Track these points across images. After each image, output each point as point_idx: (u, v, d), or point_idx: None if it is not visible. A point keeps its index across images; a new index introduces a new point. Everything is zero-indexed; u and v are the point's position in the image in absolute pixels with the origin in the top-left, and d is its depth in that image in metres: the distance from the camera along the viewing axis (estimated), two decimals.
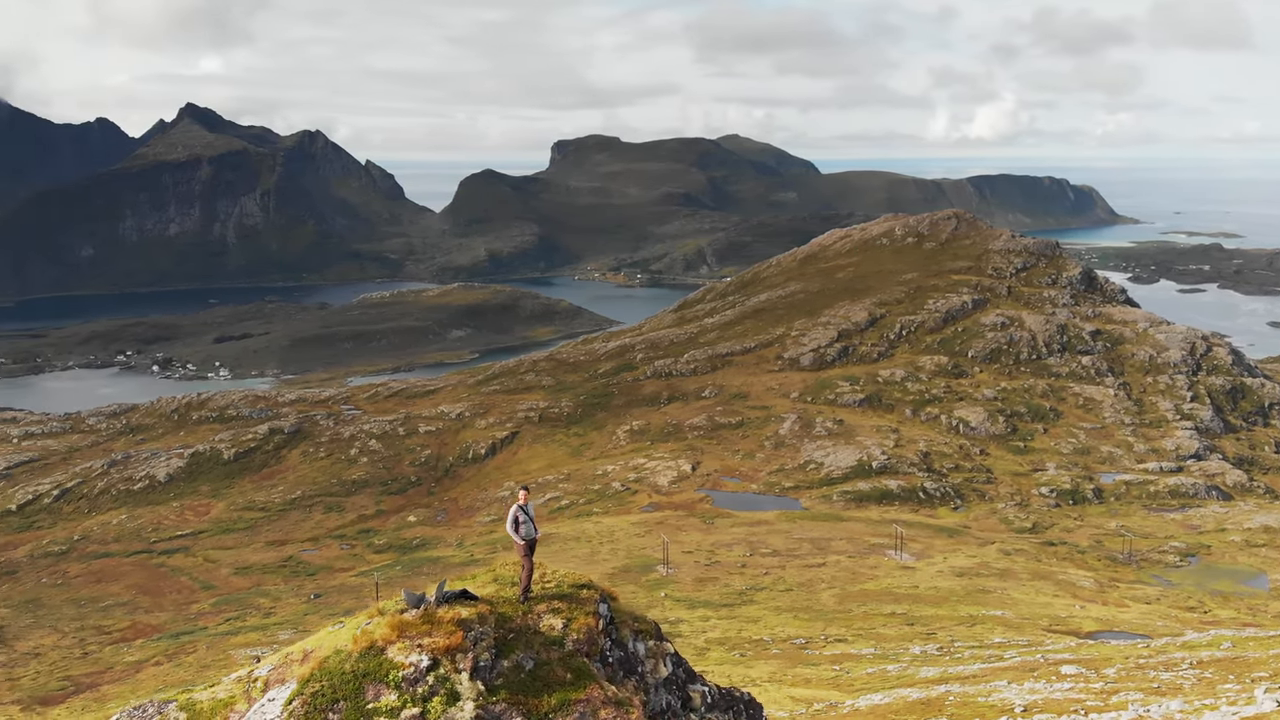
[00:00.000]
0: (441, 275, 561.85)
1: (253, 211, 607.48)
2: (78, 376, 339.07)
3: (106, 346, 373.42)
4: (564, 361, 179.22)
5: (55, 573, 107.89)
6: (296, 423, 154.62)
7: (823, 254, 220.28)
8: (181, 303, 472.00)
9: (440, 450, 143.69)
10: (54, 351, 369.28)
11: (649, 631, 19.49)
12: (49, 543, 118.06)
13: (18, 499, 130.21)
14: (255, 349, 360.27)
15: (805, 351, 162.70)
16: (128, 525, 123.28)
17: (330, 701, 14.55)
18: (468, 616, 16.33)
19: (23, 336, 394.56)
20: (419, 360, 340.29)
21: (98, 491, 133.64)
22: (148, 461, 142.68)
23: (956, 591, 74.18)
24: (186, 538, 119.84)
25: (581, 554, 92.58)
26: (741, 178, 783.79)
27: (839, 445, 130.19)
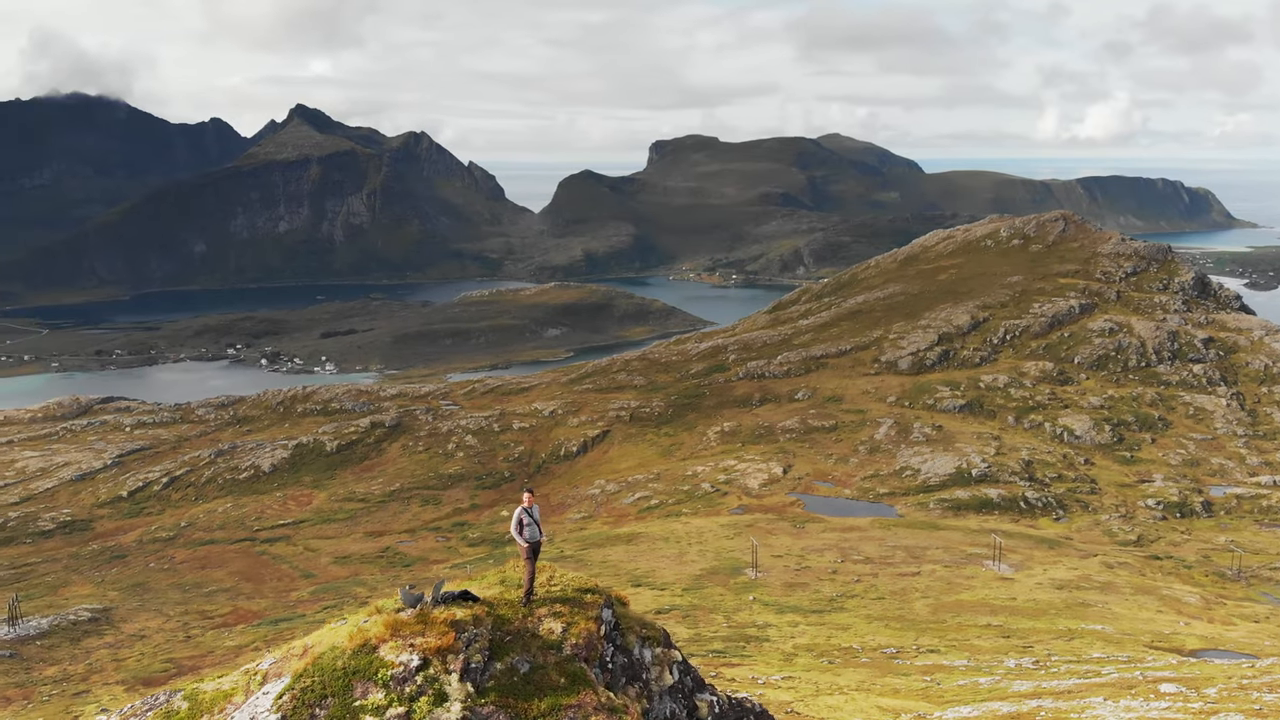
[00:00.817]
0: (539, 274, 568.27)
1: (359, 211, 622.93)
2: (189, 369, 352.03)
3: (217, 340, 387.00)
4: (656, 361, 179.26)
5: (162, 558, 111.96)
6: (397, 417, 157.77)
7: (924, 255, 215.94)
8: (290, 298, 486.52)
9: (533, 447, 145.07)
10: (167, 344, 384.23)
11: (656, 638, 19.18)
12: (157, 529, 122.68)
13: (129, 486, 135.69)
14: (360, 344, 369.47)
15: (904, 355, 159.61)
16: (232, 513, 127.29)
17: (319, 697, 14.64)
18: (462, 618, 16.29)
19: (138, 329, 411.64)
20: (515, 358, 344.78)
21: (205, 480, 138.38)
22: (253, 452, 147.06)
23: (1055, 604, 71.72)
24: (288, 527, 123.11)
25: (669, 554, 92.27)
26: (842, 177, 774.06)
27: (937, 452, 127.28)
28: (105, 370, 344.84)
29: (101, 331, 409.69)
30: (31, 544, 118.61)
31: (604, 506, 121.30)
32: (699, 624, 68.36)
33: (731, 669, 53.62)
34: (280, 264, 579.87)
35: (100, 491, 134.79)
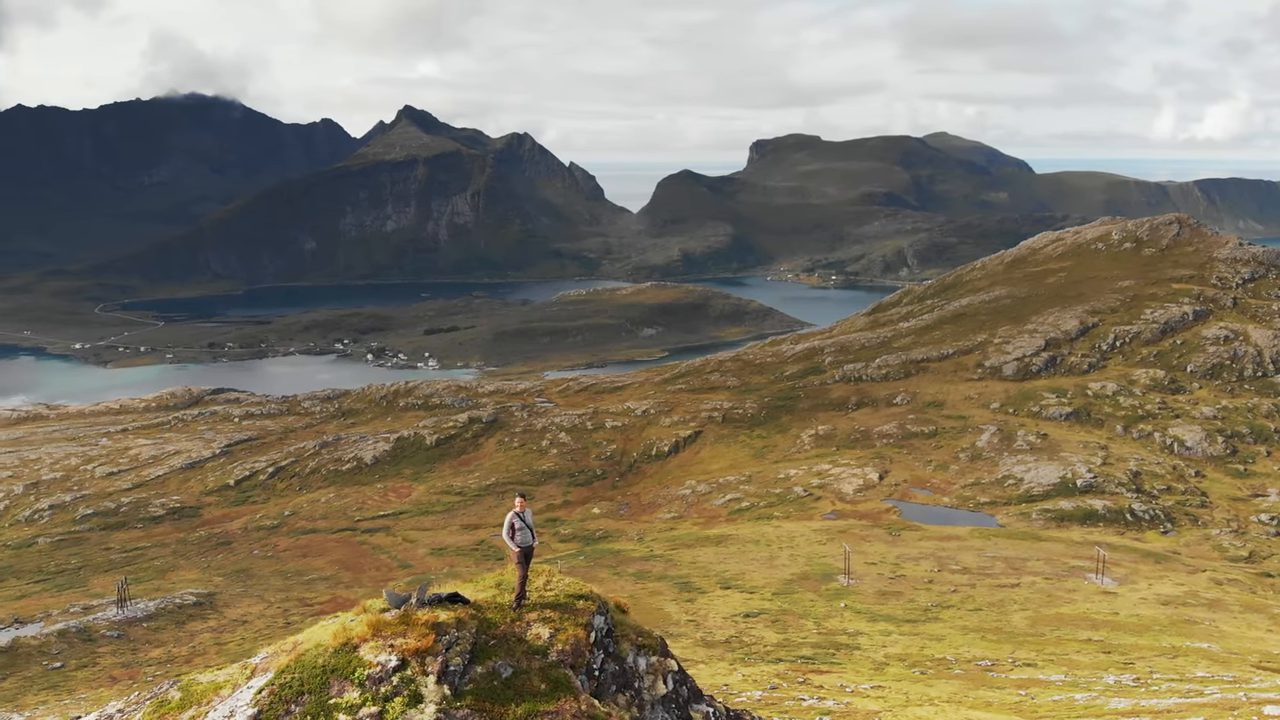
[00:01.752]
0: (636, 274, 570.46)
1: (463, 210, 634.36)
2: (297, 362, 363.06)
3: (325, 335, 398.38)
4: (750, 362, 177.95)
5: (266, 545, 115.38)
6: (494, 413, 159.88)
7: (1032, 258, 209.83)
8: (395, 295, 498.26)
9: (625, 445, 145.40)
10: (277, 338, 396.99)
11: (652, 646, 18.95)
12: (262, 517, 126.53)
13: (236, 474, 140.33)
14: (461, 341, 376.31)
15: (1008, 360, 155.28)
16: (334, 504, 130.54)
17: (296, 694, 14.70)
18: (445, 620, 16.22)
19: (249, 323, 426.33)
20: (611, 357, 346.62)
21: (309, 471, 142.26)
22: (356, 444, 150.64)
23: (1160, 620, 68.73)
24: (388, 518, 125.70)
25: (760, 557, 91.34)
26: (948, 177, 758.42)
27: (1041, 460, 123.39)
28: (217, 362, 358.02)
29: (215, 325, 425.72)
30: (142, 529, 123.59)
31: (694, 507, 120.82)
32: (788, 629, 67.43)
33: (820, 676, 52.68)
34: (387, 262, 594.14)
35: (208, 480, 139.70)
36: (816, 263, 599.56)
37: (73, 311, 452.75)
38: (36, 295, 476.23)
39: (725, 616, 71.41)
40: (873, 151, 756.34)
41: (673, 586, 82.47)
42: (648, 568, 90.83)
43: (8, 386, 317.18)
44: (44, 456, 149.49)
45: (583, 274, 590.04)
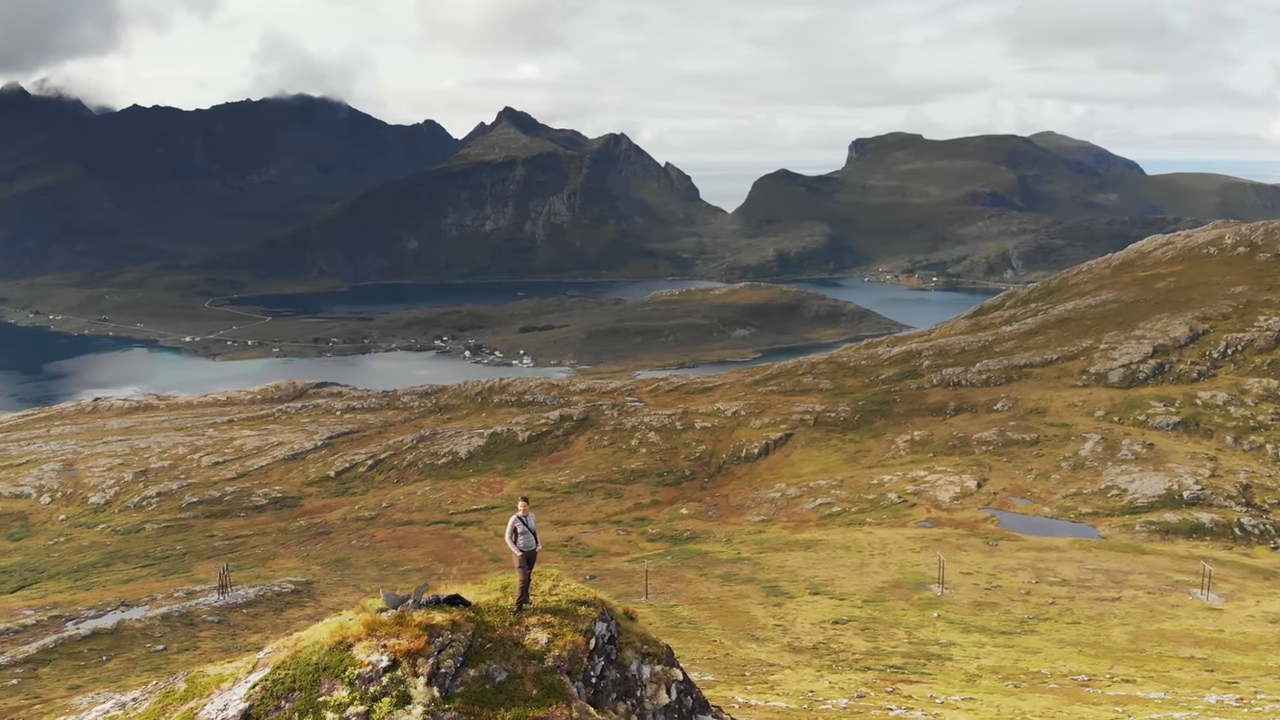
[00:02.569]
0: (729, 274, 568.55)
1: (560, 210, 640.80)
2: (398, 358, 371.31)
3: (425, 331, 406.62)
4: (844, 365, 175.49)
5: (363, 536, 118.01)
6: (584, 411, 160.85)
7: (1140, 261, 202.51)
8: (493, 294, 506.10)
9: (714, 447, 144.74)
10: (380, 334, 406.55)
11: (657, 655, 18.79)
12: (360, 508, 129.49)
13: (336, 466, 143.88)
14: (555, 340, 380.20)
15: (1114, 367, 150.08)
16: (430, 496, 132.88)
17: (287, 690, 14.81)
18: (439, 622, 16.18)
19: (353, 319, 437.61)
20: (702, 357, 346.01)
21: (406, 464, 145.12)
22: (451, 439, 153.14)
23: (1268, 639, 65.49)
24: (480, 512, 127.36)
25: (850, 564, 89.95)
26: (1055, 177, 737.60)
27: (1146, 471, 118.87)
28: (322, 357, 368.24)
29: (320, 320, 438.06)
30: (245, 517, 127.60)
31: (784, 511, 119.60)
32: (878, 638, 66.23)
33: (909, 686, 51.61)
34: (486, 261, 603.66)
35: (310, 471, 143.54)
36: (916, 264, 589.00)
37: (184, 306, 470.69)
38: (150, 290, 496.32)
39: (813, 622, 70.48)
40: (977, 150, 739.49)
41: (760, 590, 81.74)
42: (735, 570, 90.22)
43: (121, 377, 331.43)
44: (153, 445, 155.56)
45: (676, 274, 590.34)
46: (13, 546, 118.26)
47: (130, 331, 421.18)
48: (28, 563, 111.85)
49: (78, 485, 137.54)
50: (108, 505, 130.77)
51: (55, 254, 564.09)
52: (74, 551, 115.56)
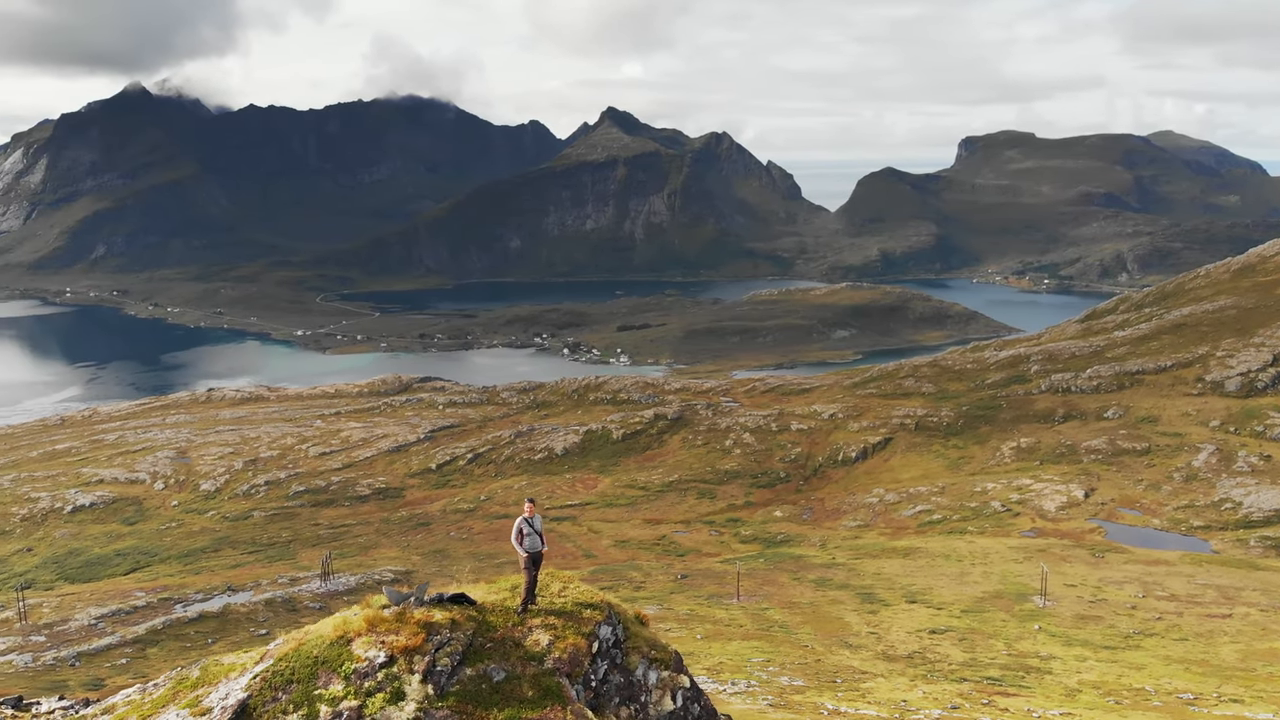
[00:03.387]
0: (831, 274, 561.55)
1: (660, 210, 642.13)
2: (500, 355, 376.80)
3: (526, 329, 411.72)
4: (948, 368, 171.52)
5: (462, 528, 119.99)
6: (679, 410, 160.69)
7: (1262, 266, 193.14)
8: (591, 292, 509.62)
9: (810, 449, 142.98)
10: (482, 331, 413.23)
11: (665, 661, 18.52)
12: (459, 500, 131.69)
13: (437, 459, 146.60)
14: (652, 339, 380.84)
15: (1232, 375, 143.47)
16: (526, 491, 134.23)
17: (285, 682, 14.94)
18: (438, 620, 16.17)
19: (457, 316, 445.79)
20: (801, 358, 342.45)
21: (503, 458, 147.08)
22: (548, 435, 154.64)
23: None
24: (574, 508, 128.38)
25: (950, 573, 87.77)
26: (1173, 178, 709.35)
27: (1263, 484, 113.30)
28: (427, 352, 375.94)
29: (425, 317, 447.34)
30: (349, 507, 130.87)
31: (881, 517, 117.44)
32: (976, 648, 64.48)
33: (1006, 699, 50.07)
34: (585, 259, 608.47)
35: (412, 463, 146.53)
36: (1027, 265, 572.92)
37: (296, 301, 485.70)
38: (264, 285, 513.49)
39: (909, 631, 69.00)
40: (1091, 150, 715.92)
41: (855, 596, 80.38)
42: (829, 575, 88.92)
43: (235, 369, 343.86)
44: (263, 435, 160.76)
45: (776, 273, 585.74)
46: (127, 530, 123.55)
47: (244, 325, 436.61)
48: (141, 546, 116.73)
49: (190, 472, 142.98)
50: (218, 492, 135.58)
51: (174, 249, 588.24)
52: (185, 536, 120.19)
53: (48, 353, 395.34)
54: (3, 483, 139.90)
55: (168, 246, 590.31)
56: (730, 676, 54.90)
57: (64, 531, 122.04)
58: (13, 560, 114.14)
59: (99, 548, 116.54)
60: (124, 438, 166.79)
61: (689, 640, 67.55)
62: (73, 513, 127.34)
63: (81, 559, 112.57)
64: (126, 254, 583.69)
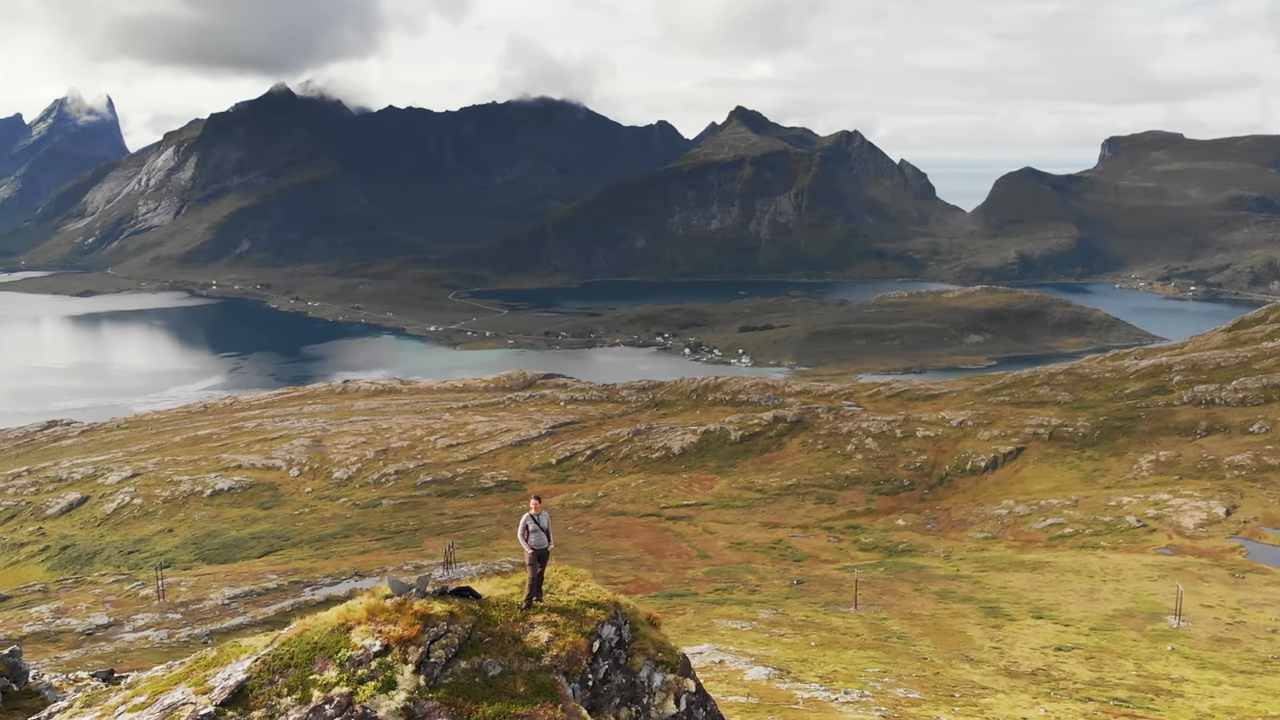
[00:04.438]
0: (964, 277, 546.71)
1: (786, 210, 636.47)
2: (622, 353, 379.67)
3: (648, 328, 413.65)
4: (1085, 377, 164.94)
5: (580, 523, 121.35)
6: (799, 413, 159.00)
7: None
8: (714, 293, 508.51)
9: (936, 457, 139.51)
10: (605, 329, 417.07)
11: (671, 664, 18.29)
12: (578, 496, 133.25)
13: (558, 454, 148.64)
14: (775, 340, 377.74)
15: None
16: (643, 489, 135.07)
17: (283, 666, 15.17)
18: (436, 612, 16.16)
19: (582, 314, 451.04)
20: (930, 363, 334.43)
21: (621, 456, 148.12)
22: (666, 434, 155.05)
23: None
24: (691, 508, 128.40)
25: (1079, 589, 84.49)
26: None
27: None
28: (552, 350, 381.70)
29: (551, 315, 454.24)
30: (473, 498, 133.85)
31: (1010, 529, 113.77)
32: (1103, 668, 61.97)
33: None
34: (709, 259, 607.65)
35: (533, 457, 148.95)
36: (1173, 271, 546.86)
37: (429, 297, 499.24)
38: (399, 281, 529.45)
39: (1033, 647, 66.77)
40: (1244, 151, 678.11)
41: (978, 610, 78.17)
42: (952, 587, 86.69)
43: (370, 362, 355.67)
44: (394, 426, 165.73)
45: (906, 275, 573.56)
46: (263, 515, 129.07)
47: (380, 320, 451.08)
48: (275, 530, 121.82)
49: (324, 460, 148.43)
50: (349, 480, 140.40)
51: (314, 245, 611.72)
52: (317, 522, 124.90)
53: (194, 342, 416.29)
54: (147, 466, 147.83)
55: (309, 243, 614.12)
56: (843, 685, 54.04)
57: (203, 514, 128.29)
58: (154, 540, 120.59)
59: (235, 530, 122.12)
60: (262, 426, 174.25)
61: (803, 647, 66.76)
62: (212, 496, 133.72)
63: (218, 541, 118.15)
64: (270, 249, 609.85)
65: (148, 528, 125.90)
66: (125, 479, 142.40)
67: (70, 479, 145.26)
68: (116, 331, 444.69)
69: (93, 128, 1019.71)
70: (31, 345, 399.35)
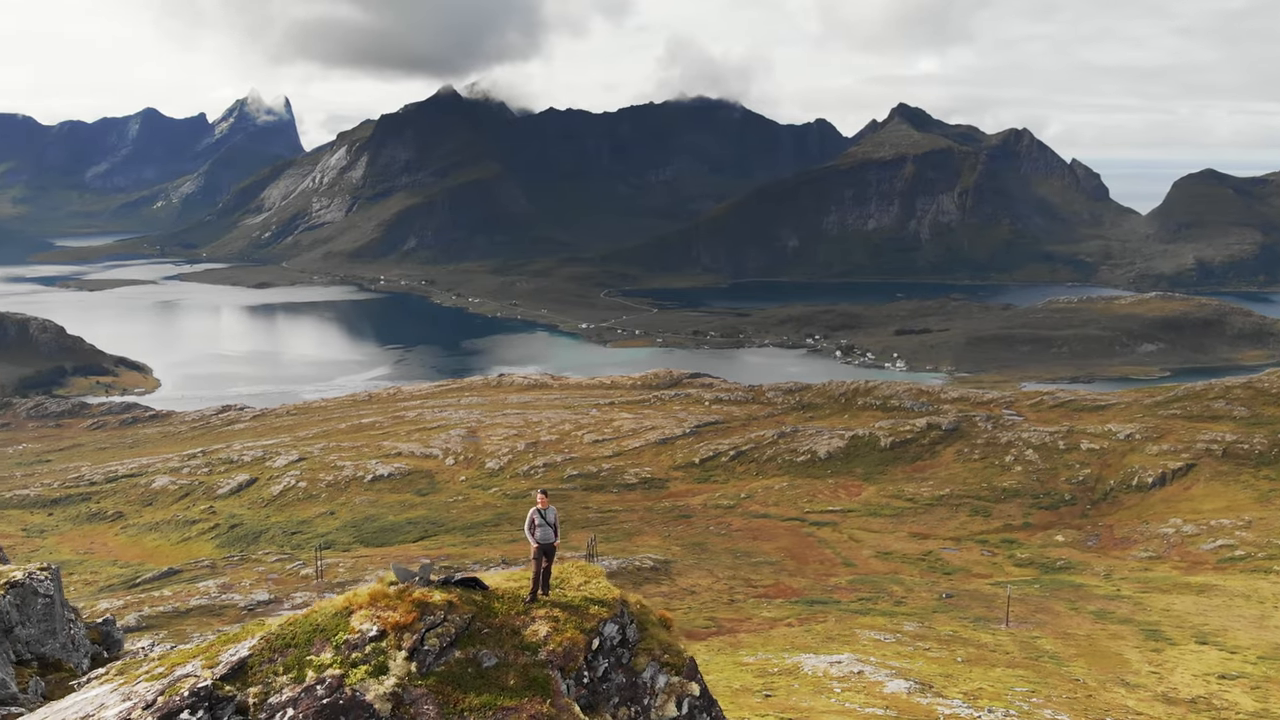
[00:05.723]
0: (1139, 283, 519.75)
1: (949, 209, 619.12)
2: (770, 354, 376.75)
3: (798, 329, 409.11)
4: (1264, 391, 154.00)
5: (721, 524, 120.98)
6: (955, 421, 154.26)
7: None
8: (869, 294, 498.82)
9: (1101, 471, 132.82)
10: (754, 329, 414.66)
11: (677, 666, 18.14)
12: (720, 496, 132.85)
13: (701, 454, 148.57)
14: (932, 344, 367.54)
15: None
16: (786, 493, 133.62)
17: (284, 645, 15.43)
18: (435, 601, 16.21)
19: (731, 314, 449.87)
20: (1099, 372, 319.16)
21: (765, 458, 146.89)
22: (812, 438, 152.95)
23: None
24: (836, 514, 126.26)
25: (1249, 615, 79.02)
26: None
27: None
28: (699, 349, 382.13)
29: (700, 314, 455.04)
30: (616, 494, 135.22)
31: (1176, 549, 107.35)
32: (1270, 699, 57.89)
33: None
34: (865, 260, 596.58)
35: (677, 456, 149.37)
36: None
37: (582, 295, 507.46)
38: (554, 279, 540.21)
39: (1195, 674, 62.91)
40: None
41: (1137, 632, 74.18)
42: (1111, 608, 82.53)
43: (524, 357, 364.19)
44: (544, 420, 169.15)
45: (1075, 279, 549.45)
46: (419, 501, 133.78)
47: (535, 316, 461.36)
48: (430, 516, 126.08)
49: (478, 451, 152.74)
50: (501, 471, 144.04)
51: (477, 244, 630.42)
52: (469, 510, 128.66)
53: (361, 335, 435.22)
54: (313, 451, 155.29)
55: (471, 241, 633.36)
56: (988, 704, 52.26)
57: (363, 498, 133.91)
58: (316, 522, 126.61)
59: (393, 515, 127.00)
60: (422, 416, 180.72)
61: (948, 662, 64.79)
62: (372, 482, 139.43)
63: (376, 525, 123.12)
64: (434, 247, 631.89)
65: (311, 510, 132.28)
66: (292, 463, 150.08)
67: (241, 461, 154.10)
68: (289, 322, 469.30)
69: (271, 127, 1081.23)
70: (211, 333, 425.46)
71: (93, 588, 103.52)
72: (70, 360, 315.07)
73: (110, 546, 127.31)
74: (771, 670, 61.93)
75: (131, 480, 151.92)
